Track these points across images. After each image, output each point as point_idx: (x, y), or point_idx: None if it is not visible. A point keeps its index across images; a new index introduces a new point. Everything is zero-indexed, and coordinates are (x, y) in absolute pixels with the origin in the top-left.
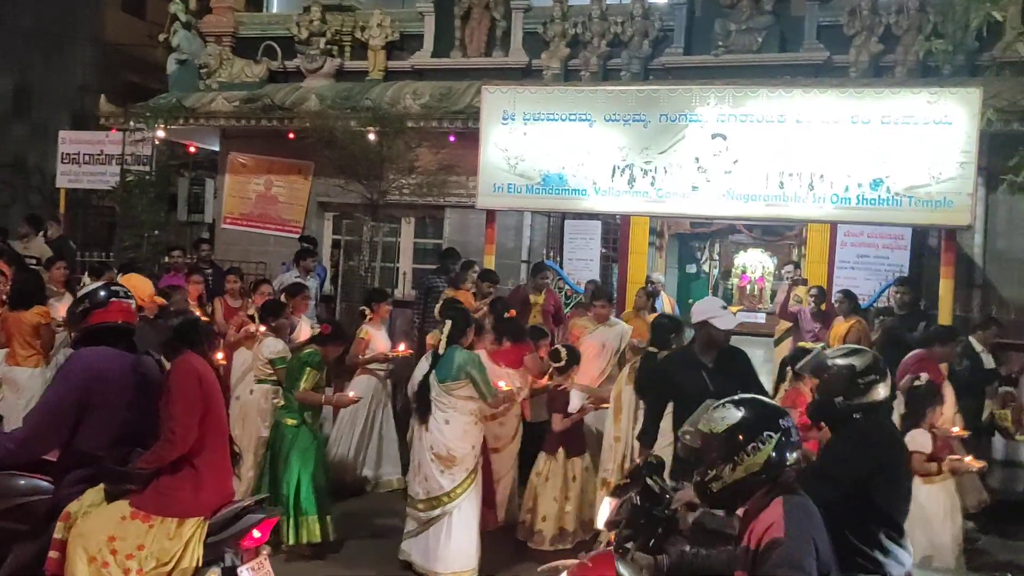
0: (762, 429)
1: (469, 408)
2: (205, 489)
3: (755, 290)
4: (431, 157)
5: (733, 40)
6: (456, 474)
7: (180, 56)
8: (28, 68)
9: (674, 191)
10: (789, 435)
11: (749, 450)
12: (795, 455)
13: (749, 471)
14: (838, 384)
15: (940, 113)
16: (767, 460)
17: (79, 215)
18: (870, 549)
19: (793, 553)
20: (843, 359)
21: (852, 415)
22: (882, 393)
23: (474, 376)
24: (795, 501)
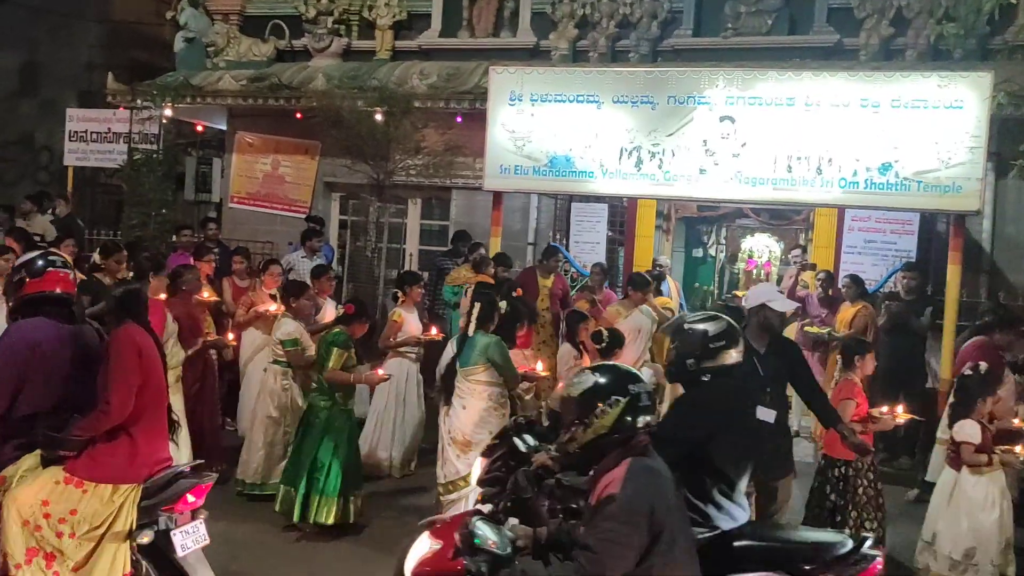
0: (610, 394)
1: (487, 394)
2: (140, 456)
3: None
4: (438, 138)
5: (742, 22)
6: (472, 459)
7: (187, 34)
8: (35, 45)
9: (682, 174)
10: (638, 400)
11: (598, 413)
12: (644, 419)
13: (598, 432)
14: (691, 347)
15: (951, 97)
16: (614, 422)
17: (87, 193)
18: (703, 504)
19: (622, 509)
20: (698, 324)
21: (702, 377)
22: (733, 358)
23: (495, 360)
24: (642, 463)
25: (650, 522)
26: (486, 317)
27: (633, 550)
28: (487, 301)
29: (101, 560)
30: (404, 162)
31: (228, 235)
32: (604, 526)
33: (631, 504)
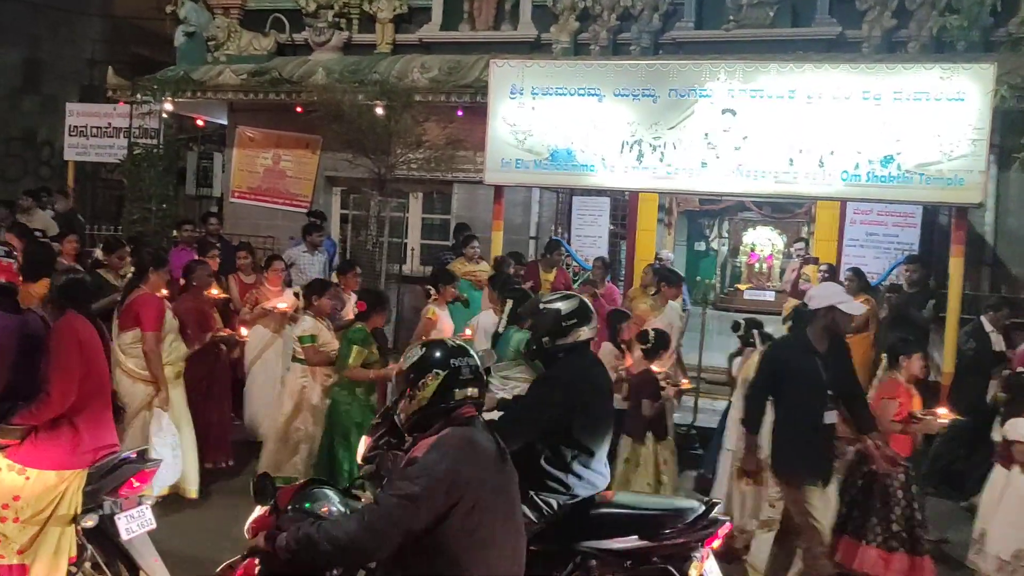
0: (432, 367)
1: (520, 390)
2: (83, 444)
3: (764, 268)
4: (439, 132)
5: (744, 14)
6: None
7: (188, 28)
8: (37, 41)
9: (683, 167)
10: (459, 373)
11: (420, 385)
12: (466, 391)
13: (421, 404)
14: (546, 326)
15: (953, 89)
16: (434, 394)
17: (88, 188)
18: (563, 474)
19: (419, 470)
20: (552, 304)
21: (558, 354)
22: (585, 335)
23: None
24: (457, 432)
25: (448, 487)
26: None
27: (421, 510)
28: (520, 297)
29: (46, 543)
30: (405, 156)
31: (229, 230)
32: (398, 484)
33: (429, 468)
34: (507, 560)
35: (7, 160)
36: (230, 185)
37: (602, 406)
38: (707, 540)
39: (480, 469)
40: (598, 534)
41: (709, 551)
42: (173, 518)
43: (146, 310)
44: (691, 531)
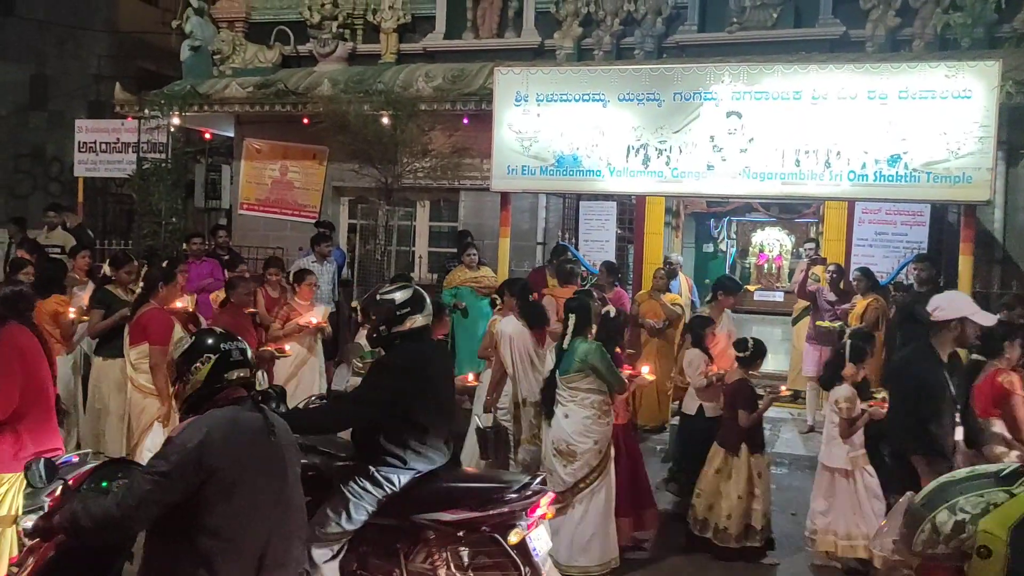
0: (204, 352)
1: (589, 401)
2: (24, 449)
3: (772, 268)
4: (445, 140)
5: (747, 16)
6: (578, 469)
7: (193, 43)
8: (43, 58)
9: (689, 170)
10: (230, 355)
11: (193, 369)
12: (237, 372)
13: (195, 387)
14: (382, 315)
15: (958, 87)
16: (207, 377)
17: (98, 204)
18: (401, 450)
19: (172, 450)
20: (387, 295)
21: (394, 341)
22: (419, 322)
23: (597, 366)
24: (215, 413)
25: (198, 463)
26: (583, 324)
27: (174, 486)
28: (583, 309)
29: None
30: (411, 165)
31: (238, 242)
32: (152, 462)
33: (181, 446)
34: (267, 531)
35: (16, 177)
36: (238, 197)
37: (436, 387)
38: (530, 509)
39: (238, 447)
40: (434, 507)
41: (538, 520)
42: None
43: (153, 325)
44: (514, 501)
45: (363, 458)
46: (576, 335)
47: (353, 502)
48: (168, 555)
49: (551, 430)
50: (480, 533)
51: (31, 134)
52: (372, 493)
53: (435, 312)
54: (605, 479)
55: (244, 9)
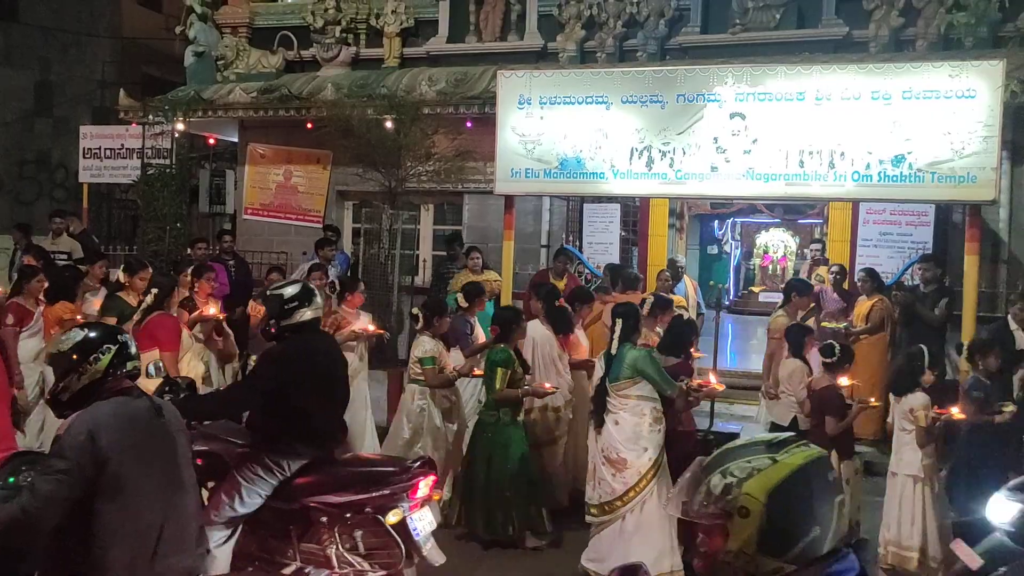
0: (103, 343)
1: (640, 408)
2: None
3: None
4: (448, 143)
5: (750, 17)
6: (628, 478)
7: (197, 48)
8: (48, 64)
9: (693, 172)
10: (127, 347)
11: (92, 360)
12: (131, 364)
13: (93, 378)
14: (272, 310)
15: (962, 86)
16: (107, 367)
17: (103, 209)
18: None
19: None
20: (276, 290)
21: (284, 334)
22: (307, 316)
23: (648, 373)
24: (100, 405)
25: (92, 454)
26: (630, 330)
27: (75, 481)
28: (630, 315)
29: None
30: (415, 169)
31: (243, 247)
32: (50, 462)
33: (72, 440)
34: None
35: (22, 183)
36: (243, 202)
37: (323, 377)
38: (411, 491)
39: (128, 434)
40: (324, 490)
41: (421, 500)
42: None
43: (162, 331)
44: (395, 484)
45: (257, 445)
46: (624, 341)
47: (246, 487)
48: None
49: (600, 438)
50: (364, 514)
51: (36, 140)
52: (264, 478)
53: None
54: (658, 487)
55: (247, 15)
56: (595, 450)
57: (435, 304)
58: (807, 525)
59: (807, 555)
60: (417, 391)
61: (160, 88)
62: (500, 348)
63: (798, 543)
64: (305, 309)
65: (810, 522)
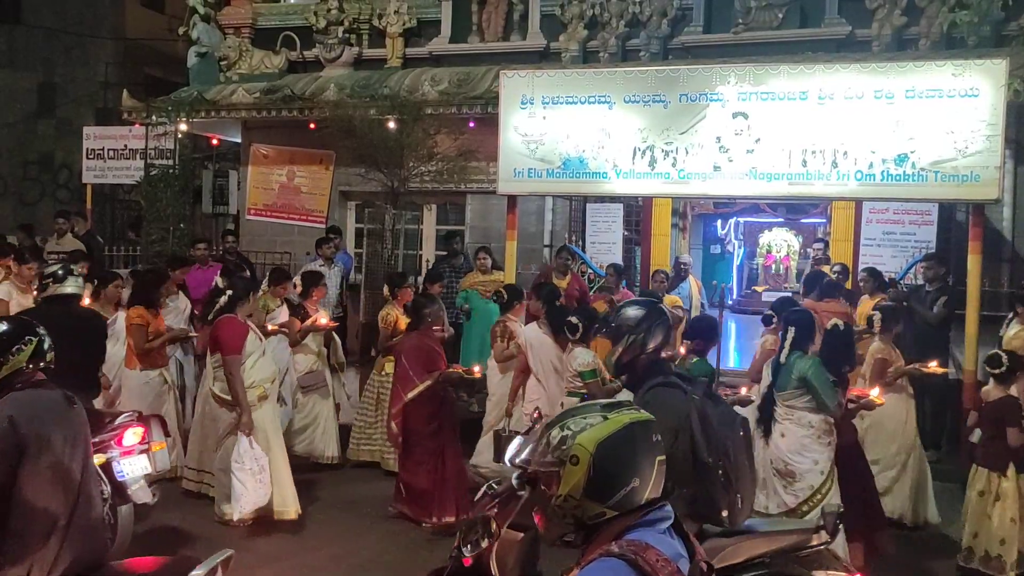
0: (24, 335)
1: (807, 420)
2: None
3: (780, 269)
4: (451, 144)
5: (753, 17)
6: (799, 491)
7: (200, 49)
8: (51, 66)
9: (696, 171)
10: (44, 340)
11: (14, 351)
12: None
13: (14, 368)
14: None
15: (965, 85)
16: (29, 358)
17: (106, 210)
18: None
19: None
20: None
21: None
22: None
23: (813, 383)
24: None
25: (14, 441)
26: (803, 339)
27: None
28: (804, 322)
29: None
30: (418, 169)
31: (246, 247)
32: None
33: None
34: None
35: (25, 184)
36: (246, 202)
37: None
38: (116, 439)
39: (44, 422)
40: None
41: (136, 448)
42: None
43: (225, 333)
44: (105, 432)
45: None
46: (795, 349)
47: None
48: None
49: (768, 449)
50: None
51: (39, 141)
52: None
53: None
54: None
55: (250, 15)
56: (764, 460)
57: (588, 314)
58: (628, 476)
59: (626, 503)
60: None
61: (163, 89)
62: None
63: (619, 491)
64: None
65: (631, 473)
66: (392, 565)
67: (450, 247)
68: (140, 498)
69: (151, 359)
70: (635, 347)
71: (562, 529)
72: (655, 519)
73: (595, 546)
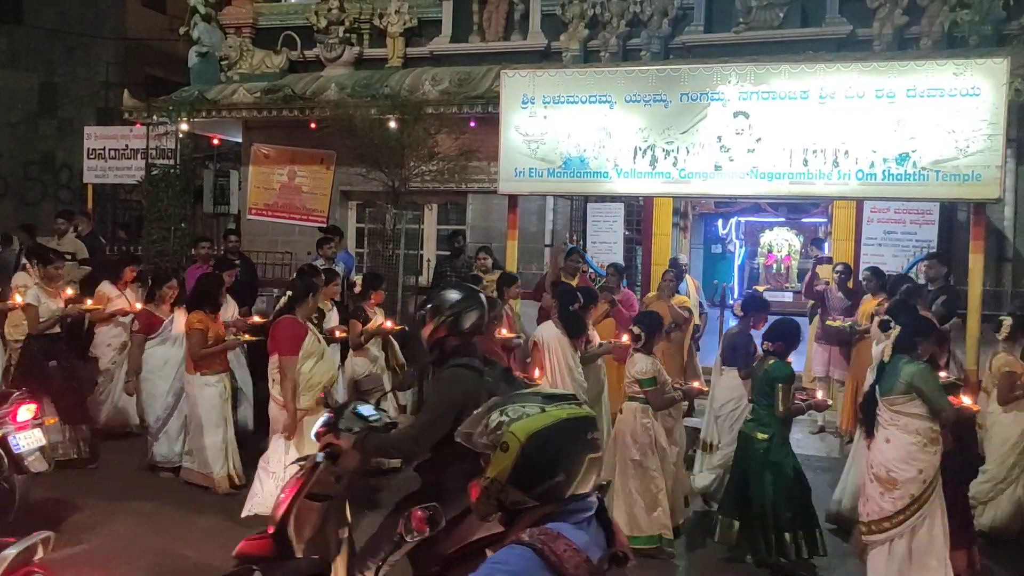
0: None
1: (915, 427)
2: None
3: (781, 269)
4: (451, 143)
5: (754, 16)
6: (897, 499)
7: (201, 49)
8: (52, 66)
9: (697, 171)
10: None
11: None
12: None
13: None
14: None
15: (967, 85)
16: None
17: (108, 210)
18: None
19: None
20: None
21: None
22: None
23: (921, 389)
24: None
25: None
26: (909, 340)
27: None
28: (916, 324)
29: None
30: (419, 168)
31: (247, 247)
32: None
33: None
34: None
35: (27, 184)
36: (247, 202)
37: None
38: (10, 415)
39: None
40: None
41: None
42: None
43: (283, 334)
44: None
45: None
46: (900, 351)
47: None
48: None
49: (870, 454)
50: None
51: (41, 141)
52: None
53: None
54: (928, 512)
55: (251, 15)
56: (865, 464)
57: (652, 321)
58: (554, 470)
59: (549, 495)
60: (639, 408)
61: (164, 89)
62: (778, 363)
63: (543, 483)
64: None
65: (557, 468)
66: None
67: (452, 247)
68: (36, 468)
69: (211, 363)
70: (445, 327)
71: (489, 508)
72: (574, 510)
73: (513, 531)
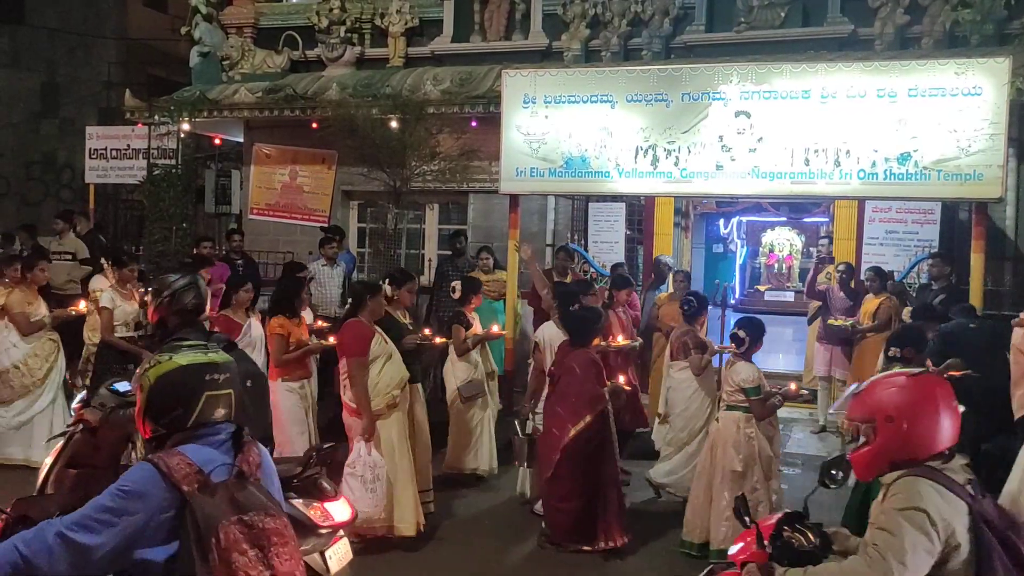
0: None
1: None
2: None
3: (783, 268)
4: (453, 143)
5: (755, 16)
6: None
7: (202, 49)
8: (54, 66)
9: (698, 171)
10: None
11: None
12: None
13: None
14: None
15: (968, 84)
16: None
17: (109, 210)
18: None
19: None
20: None
21: None
22: None
23: None
24: None
25: None
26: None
27: None
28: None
29: None
30: (420, 168)
31: (249, 246)
32: None
33: None
34: None
35: (28, 184)
36: (248, 202)
37: None
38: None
39: None
40: None
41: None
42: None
43: (348, 336)
44: None
45: None
46: None
47: None
48: None
49: None
50: None
51: (42, 141)
52: None
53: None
54: None
55: (253, 15)
56: None
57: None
58: (172, 405)
59: (173, 425)
60: (742, 418)
61: (166, 89)
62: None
63: (166, 416)
64: None
65: (174, 404)
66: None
67: (454, 247)
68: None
69: (293, 369)
70: (164, 306)
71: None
72: (203, 435)
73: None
